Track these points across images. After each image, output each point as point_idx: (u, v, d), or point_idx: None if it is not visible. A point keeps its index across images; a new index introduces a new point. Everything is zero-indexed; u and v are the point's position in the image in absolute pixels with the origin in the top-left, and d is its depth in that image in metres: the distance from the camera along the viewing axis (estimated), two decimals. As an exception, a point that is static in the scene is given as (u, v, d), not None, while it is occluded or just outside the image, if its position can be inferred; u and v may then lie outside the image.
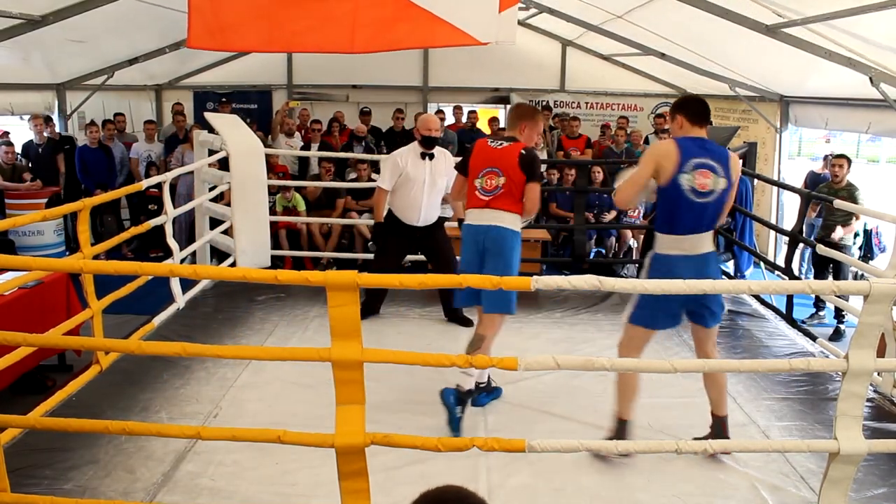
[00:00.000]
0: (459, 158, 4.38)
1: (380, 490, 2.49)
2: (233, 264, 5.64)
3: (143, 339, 4.45)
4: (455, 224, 6.85)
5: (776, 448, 2.92)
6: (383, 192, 4.92)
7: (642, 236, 7.47)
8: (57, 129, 8.35)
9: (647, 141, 9.51)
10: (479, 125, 9.91)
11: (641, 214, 8.02)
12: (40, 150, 7.92)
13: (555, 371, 4.31)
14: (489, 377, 3.91)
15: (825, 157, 8.67)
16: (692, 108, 3.21)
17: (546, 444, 2.41)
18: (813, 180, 8.35)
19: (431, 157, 4.85)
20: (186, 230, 7.10)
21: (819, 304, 6.95)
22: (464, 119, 9.93)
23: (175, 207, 5.24)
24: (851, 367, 2.48)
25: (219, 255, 5.94)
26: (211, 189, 5.89)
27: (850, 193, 6.07)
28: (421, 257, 6.25)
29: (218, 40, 5.10)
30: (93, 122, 8.46)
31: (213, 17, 4.91)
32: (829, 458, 2.58)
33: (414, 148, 4.88)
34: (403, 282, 2.36)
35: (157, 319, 4.71)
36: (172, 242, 4.92)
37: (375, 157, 7.36)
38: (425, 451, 2.45)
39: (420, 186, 4.84)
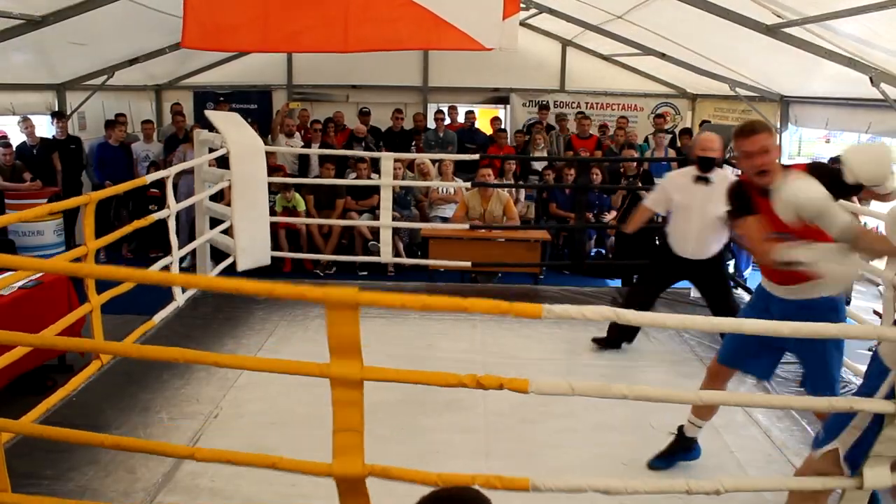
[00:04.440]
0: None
1: (380, 490, 2.48)
2: (233, 264, 5.64)
3: (143, 338, 4.46)
4: (446, 225, 6.91)
5: (794, 486, 2.68)
6: (644, 208, 4.58)
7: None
8: (48, 129, 8.33)
9: (646, 141, 9.51)
10: (479, 125, 9.92)
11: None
12: (34, 150, 7.91)
13: (558, 373, 4.34)
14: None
15: (829, 161, 8.62)
16: None
17: (551, 483, 2.34)
18: None
19: (707, 181, 4.29)
20: (186, 229, 7.10)
21: None
22: (460, 119, 9.92)
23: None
24: None
25: (219, 254, 5.94)
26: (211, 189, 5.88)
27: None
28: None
29: (213, 40, 5.10)
30: (116, 121, 8.55)
31: (209, 17, 4.91)
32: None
33: (689, 170, 4.42)
34: (406, 303, 2.24)
35: (158, 318, 4.71)
36: (174, 239, 4.90)
37: (375, 154, 7.34)
38: (426, 448, 2.44)
39: (690, 214, 4.33)
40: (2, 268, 3.78)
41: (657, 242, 4.72)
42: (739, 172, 2.94)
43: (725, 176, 4.33)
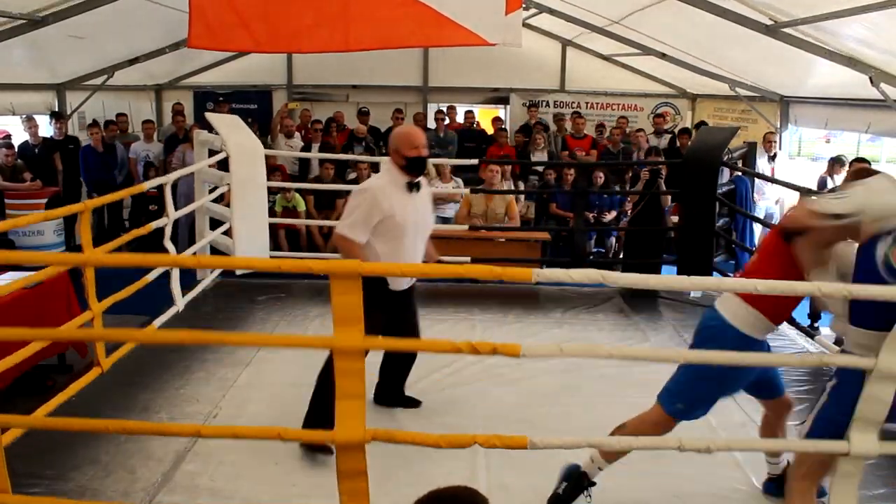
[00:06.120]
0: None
1: (379, 490, 2.49)
2: (233, 264, 5.64)
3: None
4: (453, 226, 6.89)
5: (784, 447, 2.74)
6: (356, 245, 3.23)
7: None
8: (47, 129, 8.33)
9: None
10: (483, 125, 9.92)
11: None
12: (36, 150, 7.92)
13: (555, 371, 4.34)
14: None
15: (830, 161, 8.58)
16: None
17: (547, 441, 2.39)
18: (823, 185, 8.27)
19: (418, 187, 3.38)
20: (187, 230, 7.11)
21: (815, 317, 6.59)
22: (459, 118, 9.93)
23: (176, 208, 5.24)
24: (879, 367, 2.22)
25: (219, 254, 5.93)
26: (211, 190, 5.89)
27: None
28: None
29: (218, 40, 5.13)
30: (94, 123, 8.47)
31: (214, 17, 4.95)
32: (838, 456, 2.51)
33: (394, 177, 3.34)
34: (404, 271, 2.28)
35: (158, 321, 4.71)
36: (169, 245, 4.91)
37: (374, 159, 7.35)
38: (425, 448, 2.44)
39: (411, 231, 3.34)
40: (4, 265, 3.81)
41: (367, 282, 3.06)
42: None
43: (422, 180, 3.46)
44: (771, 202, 8.14)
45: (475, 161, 6.97)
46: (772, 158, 7.93)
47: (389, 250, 3.27)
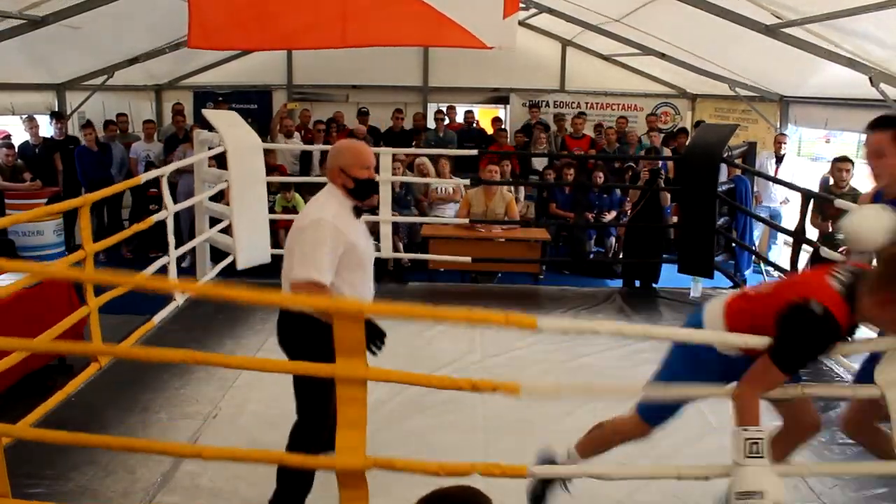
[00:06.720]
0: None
1: (379, 491, 2.49)
2: (233, 262, 5.63)
3: (143, 338, 4.46)
4: (450, 220, 6.89)
5: (845, 472, 2.66)
6: (327, 291, 2.76)
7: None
8: (47, 129, 8.32)
9: (640, 141, 9.47)
10: (483, 125, 9.90)
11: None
12: (37, 150, 7.92)
13: (555, 371, 4.34)
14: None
15: (833, 161, 8.51)
16: None
17: (546, 470, 2.39)
18: (825, 185, 8.25)
19: (362, 212, 3.00)
20: (188, 229, 7.10)
21: None
22: (458, 119, 9.93)
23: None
24: (890, 399, 2.20)
25: (219, 254, 5.93)
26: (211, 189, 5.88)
27: (854, 199, 5.86)
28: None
29: (217, 40, 5.15)
30: (88, 124, 8.47)
31: (214, 17, 4.96)
32: None
33: (341, 202, 2.91)
34: (414, 313, 2.31)
35: (157, 318, 4.71)
36: (172, 239, 4.90)
37: (373, 149, 7.32)
38: (425, 448, 2.45)
39: (367, 262, 2.96)
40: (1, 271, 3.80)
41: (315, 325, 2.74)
42: None
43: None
44: (777, 202, 8.11)
45: (475, 152, 6.95)
46: (779, 160, 7.92)
47: (351, 286, 2.83)
